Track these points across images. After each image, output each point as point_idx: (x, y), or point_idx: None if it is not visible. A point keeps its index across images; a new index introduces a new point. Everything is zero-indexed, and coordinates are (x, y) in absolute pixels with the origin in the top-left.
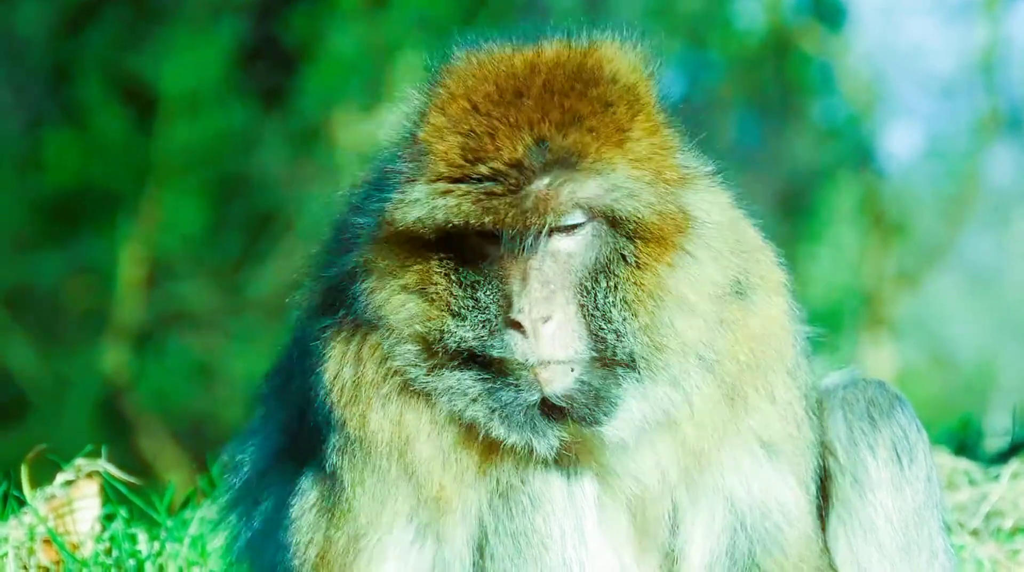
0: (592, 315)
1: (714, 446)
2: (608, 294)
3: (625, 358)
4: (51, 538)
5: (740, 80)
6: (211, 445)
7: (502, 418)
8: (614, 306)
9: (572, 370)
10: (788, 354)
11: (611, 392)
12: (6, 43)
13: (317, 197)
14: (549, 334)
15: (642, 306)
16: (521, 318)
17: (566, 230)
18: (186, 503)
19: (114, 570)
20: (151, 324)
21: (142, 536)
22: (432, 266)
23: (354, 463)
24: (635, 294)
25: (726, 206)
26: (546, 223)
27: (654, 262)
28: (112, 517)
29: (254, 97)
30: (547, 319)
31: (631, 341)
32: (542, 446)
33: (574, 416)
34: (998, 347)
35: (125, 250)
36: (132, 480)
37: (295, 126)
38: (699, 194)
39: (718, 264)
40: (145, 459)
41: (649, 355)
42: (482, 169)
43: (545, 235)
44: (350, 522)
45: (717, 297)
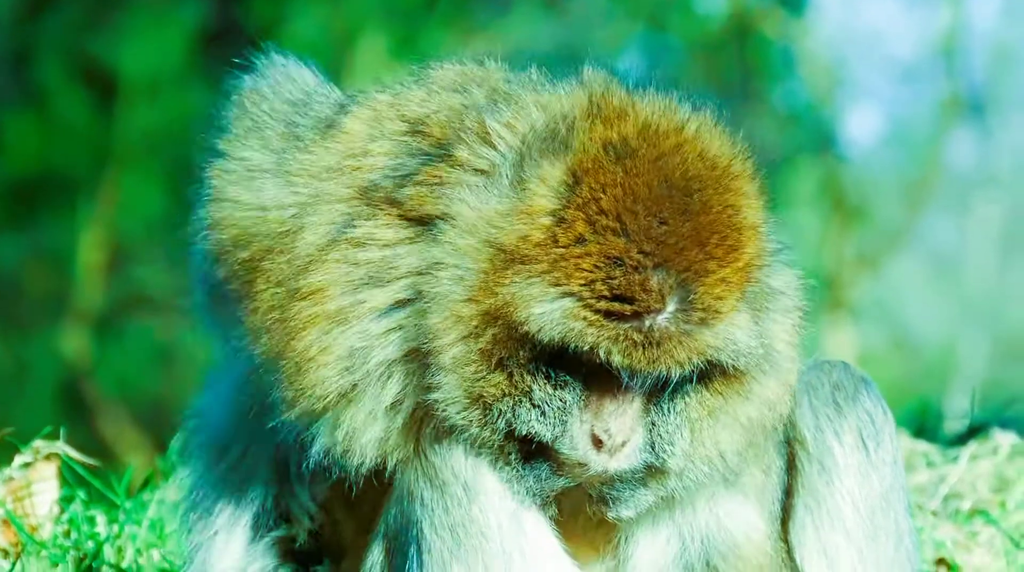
0: (658, 433)
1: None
2: (677, 416)
3: (666, 467)
4: (9, 520)
5: (700, 64)
6: (171, 428)
7: (530, 490)
8: (680, 428)
9: (612, 478)
10: (785, 409)
11: (638, 491)
12: None
13: None
14: (623, 454)
15: (702, 426)
16: (605, 440)
17: None
18: (145, 485)
19: (73, 552)
20: (111, 308)
21: (101, 518)
22: (524, 352)
23: None
24: (699, 415)
25: (794, 291)
26: (669, 374)
27: (727, 390)
28: (71, 499)
29: (215, 81)
30: (624, 444)
31: (680, 457)
32: (545, 511)
33: (591, 496)
34: (958, 330)
35: (85, 234)
36: (91, 462)
37: None
38: (777, 307)
39: (779, 380)
40: (106, 442)
41: (689, 467)
42: (627, 309)
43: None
44: None
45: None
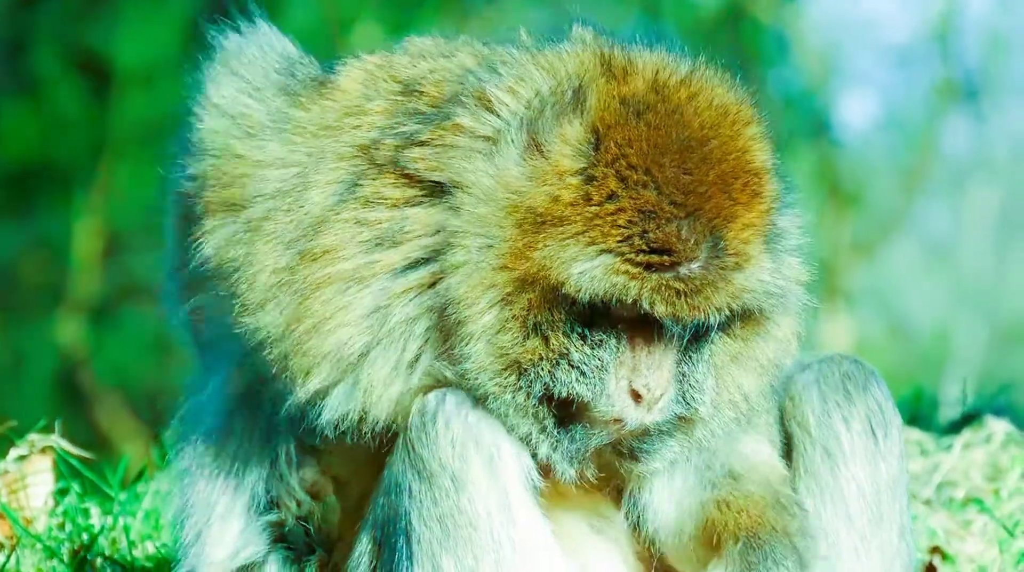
0: (688, 383)
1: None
2: (704, 365)
3: (696, 416)
4: (4, 513)
5: (695, 50)
6: (167, 418)
7: (565, 452)
8: (707, 376)
9: (646, 431)
10: (795, 349)
11: (667, 443)
12: None
13: None
14: (657, 407)
15: (728, 374)
16: (645, 393)
17: None
18: (139, 476)
19: (67, 544)
20: (107, 297)
21: (95, 510)
22: (560, 314)
23: None
24: (723, 361)
25: (797, 230)
26: (708, 320)
27: (748, 333)
28: (66, 492)
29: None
30: (662, 395)
31: (709, 404)
32: (578, 475)
33: (622, 452)
34: (953, 317)
35: (81, 223)
36: (85, 454)
37: None
38: (789, 250)
39: (790, 319)
40: (102, 432)
41: (716, 414)
42: (666, 260)
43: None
44: None
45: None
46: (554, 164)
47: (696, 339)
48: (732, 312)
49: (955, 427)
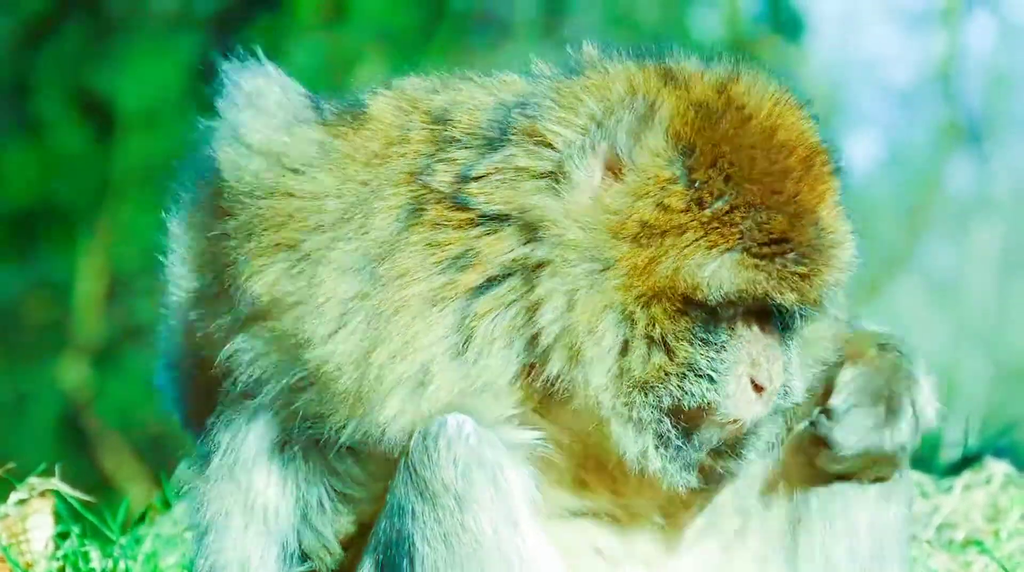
0: (788, 372)
1: None
2: (797, 353)
3: (790, 407)
4: (5, 557)
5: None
6: (170, 461)
7: (684, 462)
8: (800, 366)
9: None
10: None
11: (761, 436)
12: None
13: None
14: (768, 400)
15: (809, 356)
16: (767, 385)
17: None
18: (141, 519)
19: None
20: (111, 339)
21: (95, 553)
22: (682, 324)
23: None
24: (805, 345)
25: None
26: (823, 300)
27: (816, 322)
28: (66, 535)
29: (213, 111)
30: (782, 385)
31: (800, 395)
32: (689, 484)
33: (722, 452)
34: (957, 356)
35: (84, 265)
36: (86, 497)
37: None
38: None
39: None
40: (105, 475)
41: (795, 403)
42: (784, 248)
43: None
44: None
45: None
46: (650, 175)
47: (791, 325)
48: (839, 289)
49: (955, 468)
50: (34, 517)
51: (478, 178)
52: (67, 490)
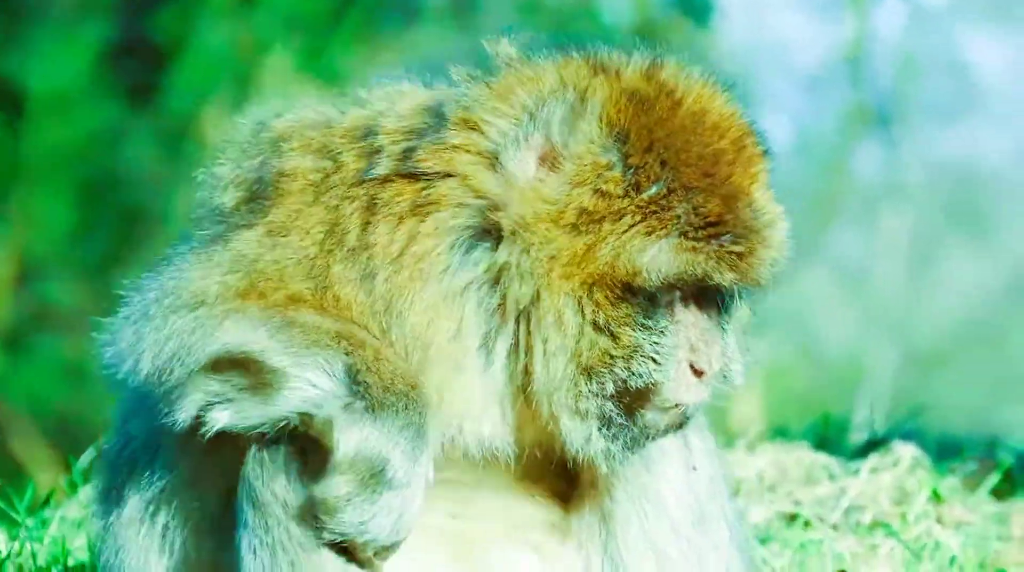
0: (727, 355)
1: None
2: (735, 337)
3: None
4: None
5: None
6: (81, 445)
7: (625, 442)
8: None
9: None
10: None
11: (691, 424)
12: None
13: (186, 194)
14: (708, 385)
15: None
16: (707, 369)
17: None
18: (47, 502)
19: None
20: (21, 324)
21: (1, 536)
22: (624, 310)
23: None
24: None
25: None
26: (761, 280)
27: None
28: None
29: (123, 95)
30: (720, 369)
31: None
32: (622, 467)
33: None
34: (865, 342)
35: None
36: None
37: (164, 124)
38: None
39: None
40: (15, 459)
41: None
42: (721, 229)
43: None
44: None
45: None
46: (587, 163)
47: (727, 311)
48: (772, 275)
49: (863, 451)
50: None
51: (420, 153)
52: None
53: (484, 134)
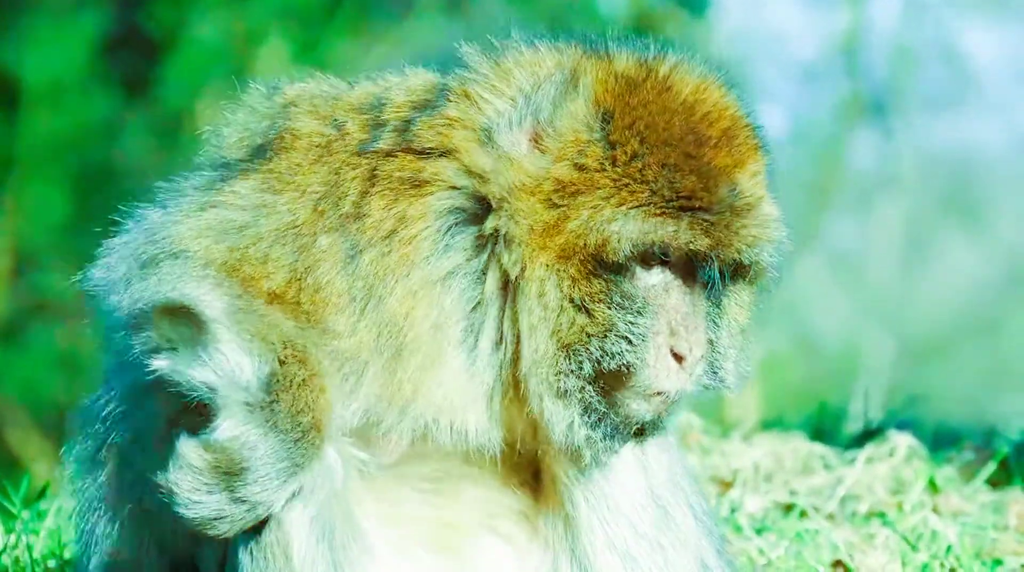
0: (716, 350)
1: None
2: (727, 332)
3: (720, 386)
4: None
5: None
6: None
7: (601, 429)
8: (731, 347)
9: (680, 400)
10: None
11: (671, 422)
12: None
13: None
14: (697, 370)
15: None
16: (687, 354)
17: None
18: (42, 494)
19: None
20: (16, 315)
21: None
22: (599, 286)
23: None
24: (738, 331)
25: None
26: (741, 257)
27: (747, 301)
28: None
29: (118, 86)
30: (702, 357)
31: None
32: (607, 459)
33: (639, 439)
34: (860, 332)
35: None
36: None
37: (159, 115)
38: None
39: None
40: (12, 451)
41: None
42: (693, 203)
43: (715, 274)
44: None
45: None
46: (570, 139)
47: (718, 304)
48: (756, 255)
49: (858, 441)
50: None
51: (419, 125)
52: None
53: (481, 111)
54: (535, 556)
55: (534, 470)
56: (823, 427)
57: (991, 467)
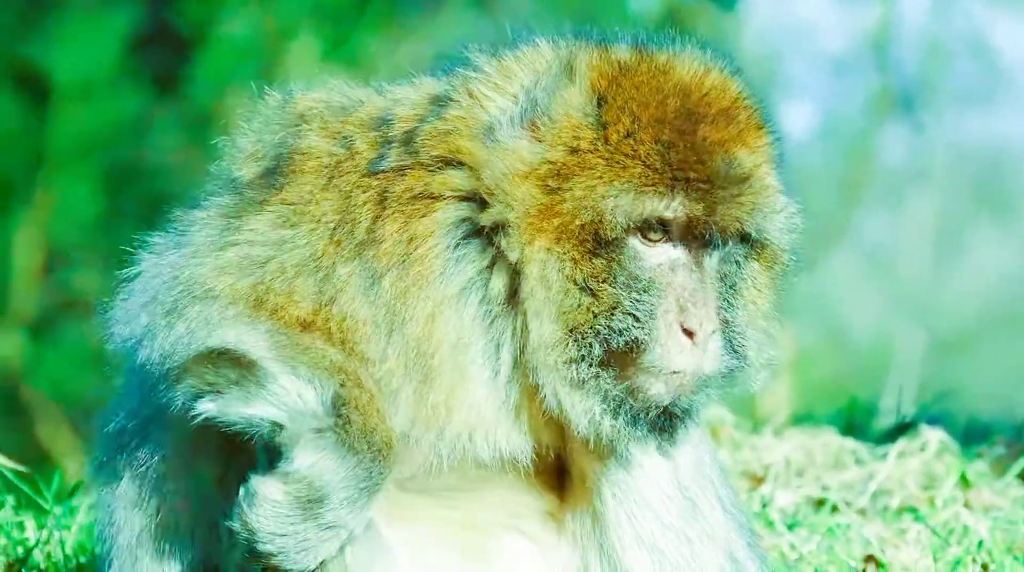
0: (732, 329)
1: None
2: (743, 310)
3: (742, 364)
4: None
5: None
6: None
7: (626, 417)
8: (750, 328)
9: (703, 384)
10: None
11: (698, 410)
12: None
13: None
14: (713, 348)
15: (762, 324)
16: (697, 329)
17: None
18: (75, 490)
19: (2, 558)
20: (47, 311)
21: (30, 524)
22: (601, 265)
23: None
24: (757, 315)
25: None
26: (743, 226)
27: (764, 283)
28: (1, 505)
29: (148, 83)
30: (714, 332)
31: (755, 353)
32: (636, 449)
33: (668, 427)
34: (892, 327)
35: (20, 237)
36: (20, 468)
37: (189, 112)
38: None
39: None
40: (42, 446)
41: (750, 373)
42: (689, 174)
43: (721, 248)
44: None
45: None
46: (565, 124)
47: (733, 286)
48: (759, 225)
49: (890, 436)
50: None
51: (423, 135)
52: (1, 460)
53: (484, 109)
54: (563, 554)
55: (558, 470)
56: (854, 422)
57: (1023, 462)
